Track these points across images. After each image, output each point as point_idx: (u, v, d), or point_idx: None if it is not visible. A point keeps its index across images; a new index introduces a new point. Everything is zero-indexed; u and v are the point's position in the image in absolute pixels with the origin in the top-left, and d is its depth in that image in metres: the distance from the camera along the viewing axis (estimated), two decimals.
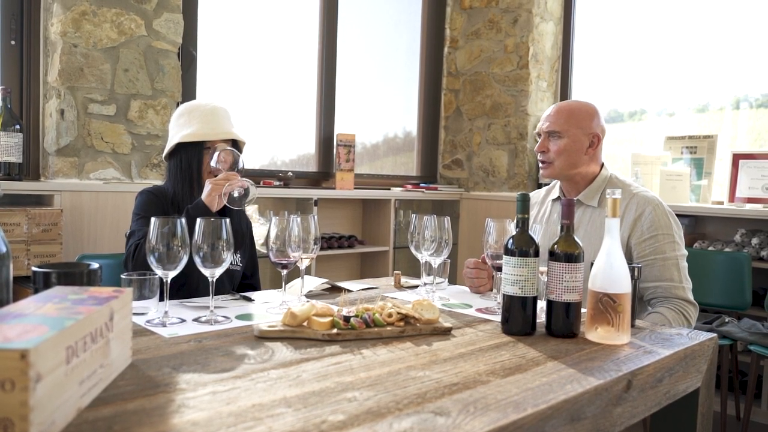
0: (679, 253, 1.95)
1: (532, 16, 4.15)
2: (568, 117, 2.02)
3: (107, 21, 2.79)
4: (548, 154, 2.04)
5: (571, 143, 2.01)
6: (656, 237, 1.94)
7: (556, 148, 2.02)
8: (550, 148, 2.03)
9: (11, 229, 2.32)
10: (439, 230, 1.74)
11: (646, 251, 1.94)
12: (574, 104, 2.08)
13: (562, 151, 2.02)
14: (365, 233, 4.07)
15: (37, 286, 1.16)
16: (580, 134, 2.02)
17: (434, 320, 1.41)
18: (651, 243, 1.94)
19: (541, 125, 2.08)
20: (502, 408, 0.94)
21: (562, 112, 2.04)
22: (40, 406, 0.72)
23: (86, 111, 2.76)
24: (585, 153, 2.03)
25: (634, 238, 1.96)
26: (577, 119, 2.02)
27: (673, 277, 1.93)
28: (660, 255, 1.93)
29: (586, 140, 2.03)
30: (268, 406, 0.90)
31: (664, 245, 1.93)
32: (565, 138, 2.01)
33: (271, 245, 1.56)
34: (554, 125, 2.03)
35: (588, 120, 2.03)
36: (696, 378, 1.42)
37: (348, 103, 4.06)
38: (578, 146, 2.02)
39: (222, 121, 1.99)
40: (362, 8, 4.17)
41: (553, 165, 2.04)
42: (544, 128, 2.06)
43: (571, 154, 2.02)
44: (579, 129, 2.02)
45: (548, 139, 2.05)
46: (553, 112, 2.06)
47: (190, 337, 1.28)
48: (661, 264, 1.93)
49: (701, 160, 3.54)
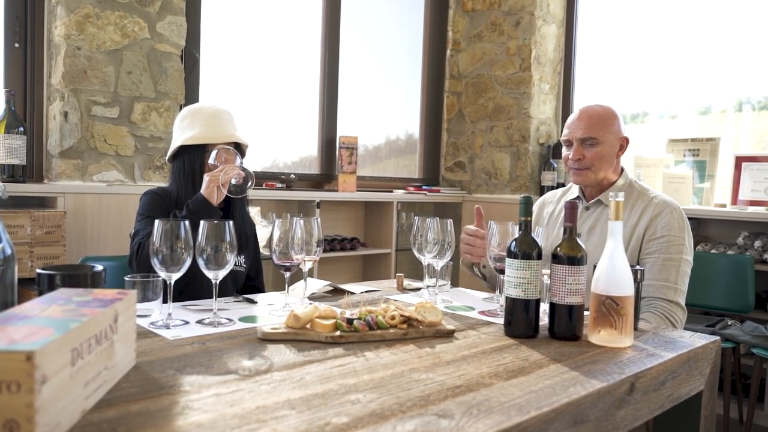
0: (683, 258, 1.95)
1: (535, 18, 4.15)
2: (601, 122, 2.01)
3: (111, 24, 2.80)
4: (585, 161, 2.02)
5: (608, 148, 2.01)
6: (666, 238, 1.94)
7: (593, 154, 2.01)
8: (586, 154, 2.01)
9: (15, 231, 2.32)
10: (441, 232, 1.74)
11: (652, 249, 1.95)
12: (600, 109, 2.06)
13: (600, 157, 2.01)
14: (367, 235, 4.07)
15: (42, 288, 1.16)
16: (613, 139, 2.02)
17: (437, 323, 1.41)
18: (659, 242, 1.94)
19: (572, 133, 2.04)
20: (505, 410, 0.94)
21: (593, 118, 2.02)
22: (46, 407, 0.72)
23: (89, 113, 2.76)
24: (616, 157, 2.05)
25: (648, 234, 1.97)
26: (609, 124, 2.02)
27: (669, 277, 1.91)
28: (664, 255, 1.93)
29: (617, 144, 2.04)
30: (272, 408, 0.91)
31: (671, 247, 1.94)
32: (602, 144, 2.00)
33: (274, 247, 1.56)
34: (590, 131, 2.01)
35: (617, 124, 2.04)
36: (699, 381, 1.42)
37: (350, 105, 4.07)
38: (613, 151, 2.03)
39: (225, 123, 2.00)
40: (364, 11, 4.18)
41: (590, 171, 2.02)
42: (578, 135, 2.02)
43: (608, 159, 2.02)
44: (612, 134, 2.02)
45: (582, 146, 2.02)
46: (584, 118, 2.03)
47: (194, 339, 1.28)
48: (662, 264, 1.92)
49: (704, 163, 3.54)
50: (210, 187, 1.85)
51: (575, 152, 2.03)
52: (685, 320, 1.92)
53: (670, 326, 1.85)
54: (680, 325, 1.89)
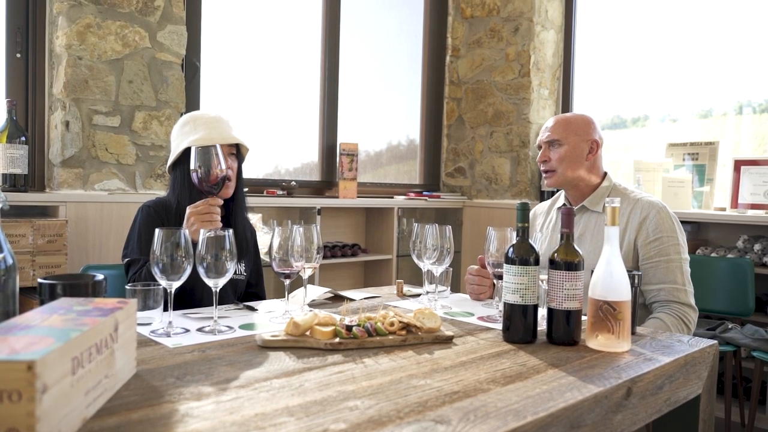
0: (683, 257, 1.98)
1: (533, 24, 4.17)
2: (565, 126, 2.11)
3: (112, 33, 2.82)
4: (550, 163, 2.11)
5: (570, 150, 2.08)
6: (661, 239, 1.96)
7: (557, 156, 2.10)
8: (551, 156, 2.11)
9: (17, 240, 2.34)
10: (440, 239, 1.75)
11: (651, 253, 1.97)
12: (570, 115, 2.18)
13: (563, 158, 2.09)
14: (368, 242, 4.08)
15: (43, 297, 1.17)
16: (578, 141, 2.09)
17: (436, 329, 1.42)
18: (656, 245, 1.96)
19: (541, 137, 2.17)
20: (502, 416, 0.95)
21: (559, 122, 2.13)
22: (47, 416, 0.73)
23: (91, 122, 2.78)
24: (585, 159, 2.10)
25: (641, 239, 1.99)
26: (574, 127, 2.11)
27: (677, 279, 1.94)
28: (664, 257, 1.95)
29: (585, 147, 2.10)
30: (271, 416, 0.91)
31: (669, 247, 1.96)
32: (564, 145, 2.09)
33: (274, 255, 1.57)
34: (553, 134, 2.11)
35: (585, 128, 2.12)
36: (697, 385, 1.42)
37: (351, 112, 4.08)
38: (578, 152, 2.09)
39: (226, 127, 2.02)
40: (364, 17, 4.20)
41: (555, 173, 2.10)
42: (543, 139, 2.14)
43: (572, 160, 2.08)
44: (577, 136, 2.10)
45: (549, 148, 2.12)
46: (551, 123, 2.15)
47: (194, 347, 1.29)
48: (665, 266, 1.95)
49: (703, 167, 3.55)
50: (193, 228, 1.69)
51: (541, 155, 2.15)
52: (696, 320, 1.95)
53: (684, 328, 1.89)
54: (693, 326, 1.92)
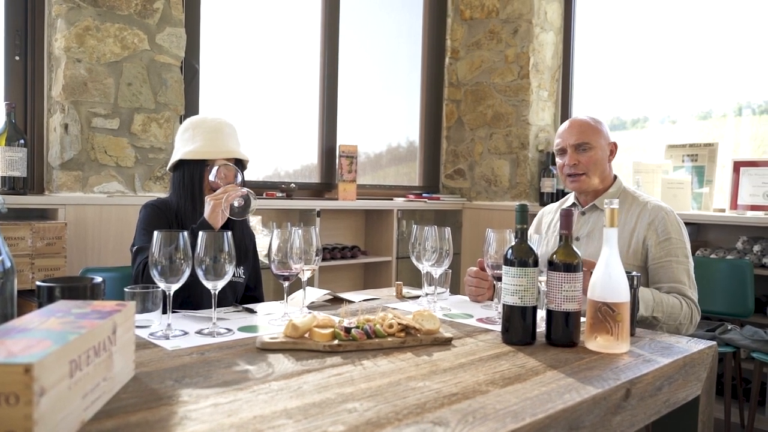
0: (689, 260, 2.02)
1: (532, 26, 4.17)
2: (591, 129, 2.10)
3: (110, 36, 2.82)
4: (580, 166, 2.08)
5: (600, 153, 2.10)
6: (670, 240, 2.00)
7: (587, 159, 2.08)
8: (581, 159, 2.08)
9: (16, 242, 2.34)
10: (439, 240, 1.75)
11: (661, 253, 2.00)
12: (588, 118, 2.16)
13: (595, 161, 2.09)
14: (368, 244, 4.08)
15: (42, 300, 1.17)
16: (604, 144, 2.12)
17: (435, 330, 1.42)
18: (665, 245, 2.00)
19: (565, 140, 2.11)
20: (500, 418, 0.95)
21: (584, 125, 2.11)
22: (44, 419, 0.73)
23: (90, 125, 2.78)
24: (608, 162, 2.14)
25: (651, 240, 2.01)
26: (599, 130, 2.12)
27: (684, 280, 1.98)
28: (674, 257, 1.99)
29: (608, 149, 2.13)
30: (269, 418, 0.91)
31: (677, 249, 2.00)
32: (595, 148, 2.08)
33: (273, 257, 1.57)
34: (583, 137, 2.09)
35: (605, 131, 2.14)
36: (696, 386, 1.42)
37: (350, 114, 4.08)
38: (604, 156, 2.12)
39: (225, 138, 1.99)
40: (364, 19, 4.20)
41: (587, 176, 2.09)
42: (571, 142, 2.10)
43: (601, 163, 2.10)
44: (603, 139, 2.12)
45: (576, 152, 2.09)
46: (576, 125, 2.12)
47: (193, 350, 1.29)
48: (675, 266, 1.98)
49: (702, 168, 3.55)
50: (215, 211, 1.82)
51: (570, 158, 2.10)
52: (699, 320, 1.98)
53: (688, 318, 1.92)
54: (695, 323, 1.95)
